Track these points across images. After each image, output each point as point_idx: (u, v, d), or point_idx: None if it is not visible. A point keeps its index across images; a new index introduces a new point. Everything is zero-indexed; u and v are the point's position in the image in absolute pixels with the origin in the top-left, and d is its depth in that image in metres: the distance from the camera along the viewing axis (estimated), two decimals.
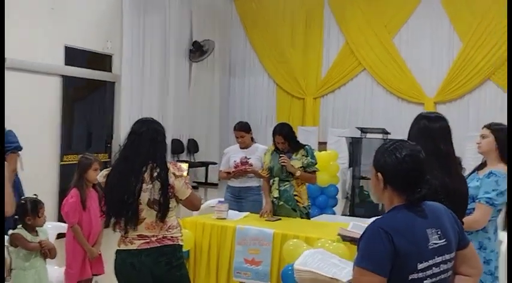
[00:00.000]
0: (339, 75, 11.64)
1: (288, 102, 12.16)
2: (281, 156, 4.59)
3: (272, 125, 13.07)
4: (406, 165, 1.86)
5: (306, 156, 4.64)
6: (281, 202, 4.65)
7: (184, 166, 3.01)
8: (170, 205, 2.85)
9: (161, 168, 2.82)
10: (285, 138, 4.63)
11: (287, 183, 4.64)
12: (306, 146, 4.70)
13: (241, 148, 5.16)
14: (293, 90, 12.11)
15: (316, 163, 4.68)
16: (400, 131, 10.35)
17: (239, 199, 5.08)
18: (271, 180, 4.73)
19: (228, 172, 5.04)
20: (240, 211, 4.81)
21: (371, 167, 1.96)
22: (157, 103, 10.12)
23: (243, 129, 5.12)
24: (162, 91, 10.27)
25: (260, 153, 5.06)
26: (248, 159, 5.05)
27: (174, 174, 2.86)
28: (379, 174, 1.92)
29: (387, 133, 9.02)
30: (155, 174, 2.80)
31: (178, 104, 10.77)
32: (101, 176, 2.94)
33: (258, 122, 11.95)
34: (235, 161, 5.08)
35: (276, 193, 4.66)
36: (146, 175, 2.80)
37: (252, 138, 5.18)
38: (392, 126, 10.41)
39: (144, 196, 2.80)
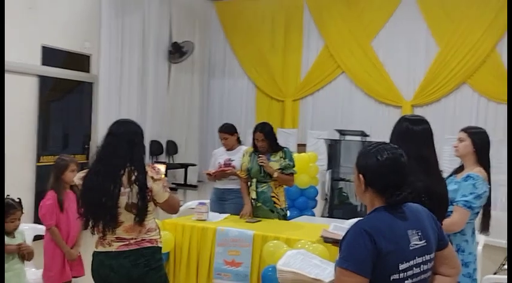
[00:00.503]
0: (318, 77, 11.66)
1: (267, 104, 12.16)
2: (259, 156, 4.58)
3: (251, 126, 12.80)
4: (387, 168, 1.87)
5: (284, 158, 4.63)
6: (259, 204, 4.64)
7: (162, 168, 3.00)
8: (148, 209, 2.82)
9: (139, 172, 2.78)
10: (266, 136, 4.61)
11: (265, 184, 4.64)
12: (285, 148, 4.69)
13: (226, 150, 5.14)
14: (272, 92, 12.11)
15: (294, 166, 4.67)
16: (378, 133, 10.44)
17: (222, 201, 5.06)
18: (250, 182, 4.71)
19: (209, 174, 5.02)
20: (223, 212, 4.80)
21: (354, 168, 1.96)
22: (136, 104, 10.06)
23: (226, 130, 5.11)
24: (141, 92, 10.23)
25: (240, 155, 5.04)
26: (232, 160, 5.03)
27: (152, 177, 2.82)
28: (360, 175, 1.93)
29: (366, 135, 9.08)
30: (133, 177, 2.76)
31: (157, 105, 10.74)
32: (77, 178, 2.90)
33: (237, 124, 11.53)
34: (219, 163, 5.07)
35: (253, 195, 4.65)
36: (124, 179, 2.77)
37: (238, 140, 5.17)
38: (371, 129, 10.45)
39: (122, 200, 2.77)
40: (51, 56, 7.68)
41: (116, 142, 2.81)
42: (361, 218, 1.92)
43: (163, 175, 2.87)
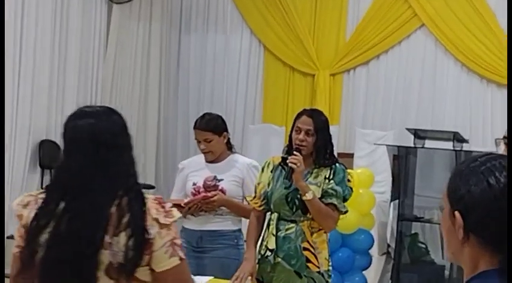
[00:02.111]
0: (376, 35, 11.77)
1: (285, 81, 12.34)
2: (294, 154, 4.69)
3: (254, 118, 13.51)
4: (505, 200, 1.90)
5: (330, 179, 4.75)
6: (278, 259, 4.77)
7: (173, 209, 3.02)
8: (140, 277, 2.90)
9: (135, 207, 2.91)
10: (317, 129, 4.75)
11: (292, 225, 4.77)
12: (338, 165, 4.82)
13: (207, 161, 5.32)
14: (295, 59, 12.24)
15: (345, 198, 4.77)
16: (485, 138, 10.36)
17: (199, 253, 5.22)
18: (268, 218, 4.86)
19: (178, 205, 5.03)
20: (200, 274, 4.91)
21: (444, 200, 2.01)
22: (49, 73, 10.13)
23: (208, 127, 5.24)
24: (57, 53, 10.27)
25: (241, 171, 5.21)
26: (219, 180, 5.23)
27: (156, 220, 2.91)
28: (456, 213, 1.94)
29: (462, 140, 9.03)
30: (125, 218, 2.86)
31: (85, 77, 10.84)
32: (20, 205, 3.04)
33: (228, 115, 11.95)
34: (195, 184, 5.27)
35: (271, 243, 4.76)
36: (113, 218, 2.87)
37: (228, 144, 5.37)
38: (472, 129, 10.35)
39: (104, 257, 2.87)
40: None
41: (92, 155, 2.93)
42: None
43: (174, 219, 2.94)
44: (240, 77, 12.63)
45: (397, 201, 9.18)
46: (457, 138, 8.92)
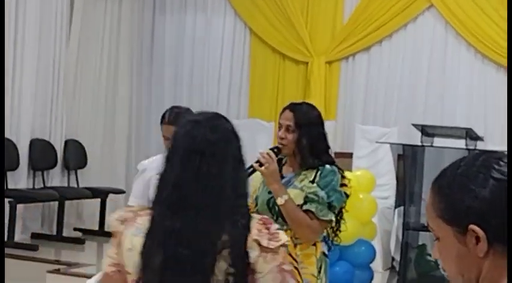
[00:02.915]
0: (378, 16, 11.80)
1: (274, 69, 12.36)
2: (267, 153, 4.69)
3: (239, 112, 13.35)
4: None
5: (313, 182, 4.73)
6: None
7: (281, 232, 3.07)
8: None
9: (239, 232, 2.97)
10: (299, 125, 4.73)
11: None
12: (327, 166, 4.80)
13: None
14: (286, 45, 12.27)
15: (330, 203, 4.74)
16: (501, 134, 10.40)
17: None
18: None
19: None
20: None
21: (439, 225, 1.98)
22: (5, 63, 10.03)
23: (175, 121, 5.21)
24: (12, 32, 10.25)
25: None
26: None
27: (257, 241, 2.96)
28: (473, 227, 1.92)
29: (476, 138, 9.12)
30: (227, 243, 2.94)
31: (45, 65, 10.79)
32: (118, 220, 3.12)
33: (212, 106, 12.02)
34: None
35: None
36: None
37: None
38: (487, 125, 10.58)
39: None
40: None
41: (192, 167, 3.02)
42: None
43: (281, 243, 3.01)
44: (223, 65, 12.62)
45: (402, 207, 9.22)
46: (470, 135, 9.01)
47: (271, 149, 4.74)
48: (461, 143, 9.01)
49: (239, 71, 12.60)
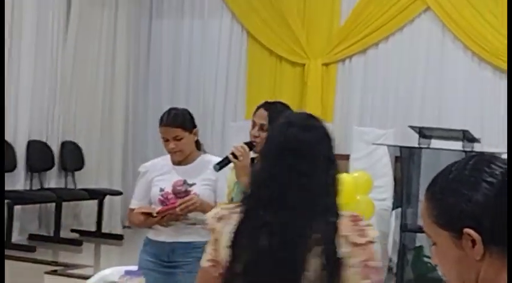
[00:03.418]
0: (374, 19, 11.81)
1: (271, 71, 12.37)
2: (241, 146, 4.72)
3: (236, 115, 13.28)
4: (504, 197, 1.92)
5: None
6: None
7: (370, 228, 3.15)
8: None
9: (331, 229, 3.01)
10: (272, 122, 4.62)
11: None
12: None
13: (175, 163, 5.33)
14: (283, 47, 12.29)
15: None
16: (497, 137, 10.44)
17: (171, 268, 5.19)
18: None
19: (149, 214, 5.13)
20: None
21: (434, 230, 1.99)
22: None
23: (177, 123, 5.26)
24: (9, 36, 10.27)
25: (214, 172, 5.14)
26: (190, 185, 5.21)
27: (346, 237, 3.02)
28: (468, 230, 1.92)
29: (473, 140, 9.08)
30: (320, 241, 2.99)
31: (42, 70, 10.83)
32: (214, 218, 3.21)
33: (209, 109, 12.18)
34: (162, 190, 5.25)
35: None
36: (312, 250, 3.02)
37: (197, 143, 5.36)
38: (484, 127, 10.62)
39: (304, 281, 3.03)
40: None
41: (286, 165, 3.06)
42: None
43: (369, 239, 3.06)
44: (220, 67, 12.60)
45: (399, 209, 9.18)
46: (467, 137, 8.95)
47: (245, 144, 4.77)
48: (458, 145, 8.98)
49: (236, 73, 12.59)
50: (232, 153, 4.66)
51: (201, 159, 5.29)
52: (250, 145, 4.78)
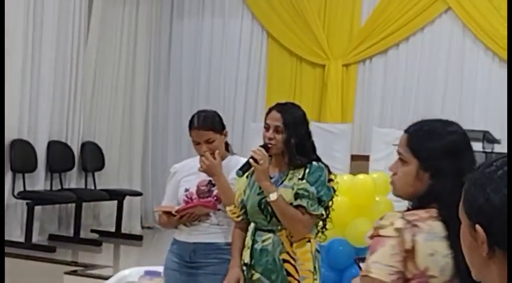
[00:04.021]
0: (395, 20, 11.84)
1: (291, 71, 12.38)
2: (258, 150, 4.76)
3: (256, 115, 13.28)
4: None
5: (303, 179, 4.78)
6: (256, 275, 4.84)
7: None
8: None
9: None
10: (287, 125, 4.78)
11: (270, 235, 4.83)
12: (314, 163, 4.86)
13: None
14: (303, 48, 12.31)
15: (320, 198, 4.77)
16: None
17: (192, 269, 5.20)
18: (249, 228, 4.94)
19: (169, 213, 5.14)
20: None
21: (461, 214, 2.02)
22: (21, 67, 10.13)
23: (208, 125, 5.23)
24: (32, 42, 10.28)
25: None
26: (214, 185, 5.21)
27: None
28: (478, 227, 1.95)
29: (493, 141, 9.17)
30: None
31: (63, 71, 10.82)
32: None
33: (226, 112, 12.00)
34: (187, 190, 5.26)
35: (246, 256, 4.86)
36: None
37: (226, 144, 5.37)
38: (504, 128, 10.46)
39: None
40: None
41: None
42: None
43: None
44: (240, 67, 12.64)
45: None
46: (487, 138, 8.99)
47: (261, 147, 4.78)
48: (478, 146, 8.93)
49: (256, 73, 12.62)
50: (252, 158, 4.67)
51: (229, 160, 5.27)
52: (265, 148, 4.77)
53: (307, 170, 4.78)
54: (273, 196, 4.65)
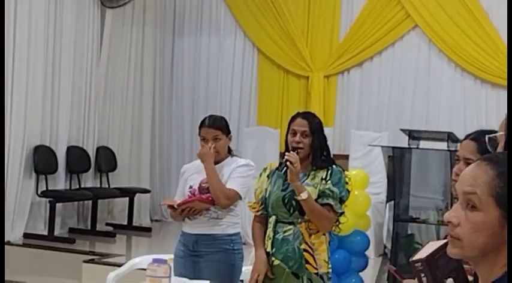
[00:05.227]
0: (370, 36, 11.78)
1: (279, 82, 12.33)
2: (288, 154, 4.72)
3: (249, 121, 13.39)
4: None
5: (326, 180, 4.77)
6: (276, 261, 4.79)
7: None
8: None
9: None
10: (313, 131, 4.79)
11: (291, 227, 4.79)
12: (335, 166, 4.86)
13: None
14: (289, 61, 12.26)
15: (341, 199, 4.78)
16: None
17: (195, 257, 5.20)
18: (269, 221, 4.89)
19: (172, 206, 5.18)
20: (197, 278, 4.94)
21: (489, 204, 1.91)
22: (43, 79, 10.13)
23: (218, 125, 5.26)
24: (51, 58, 10.30)
25: (240, 171, 5.20)
26: None
27: None
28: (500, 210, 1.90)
29: (457, 140, 8.91)
30: None
31: (79, 82, 10.85)
32: None
33: (225, 116, 11.39)
34: (191, 187, 5.26)
35: (268, 245, 4.81)
36: None
37: (229, 148, 5.37)
38: (466, 129, 10.36)
39: None
40: None
41: None
42: None
43: None
44: (234, 79, 12.58)
45: (392, 202, 9.15)
46: (451, 138, 8.91)
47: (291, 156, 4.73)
48: (443, 145, 8.98)
49: (248, 85, 12.54)
50: (288, 161, 4.65)
51: (229, 160, 5.25)
52: (296, 153, 4.75)
53: (329, 172, 4.77)
54: (304, 195, 4.64)
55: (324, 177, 4.76)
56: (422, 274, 2.48)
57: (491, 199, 1.92)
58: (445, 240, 2.52)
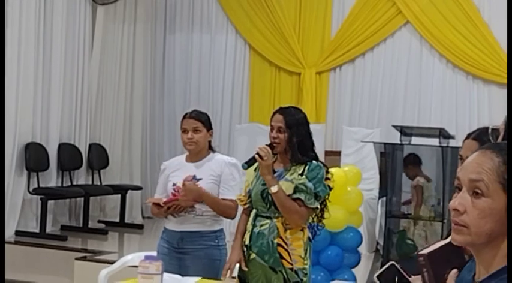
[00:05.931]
0: (361, 32, 11.80)
1: (271, 79, 12.34)
2: (264, 147, 4.76)
3: (241, 118, 13.39)
4: None
5: (302, 175, 4.77)
6: (253, 255, 4.82)
7: None
8: None
9: None
10: (289, 126, 4.78)
11: (268, 221, 4.81)
12: (314, 162, 4.84)
13: (188, 161, 5.34)
14: (281, 58, 12.27)
15: (316, 193, 4.76)
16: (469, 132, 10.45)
17: (181, 254, 5.21)
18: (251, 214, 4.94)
19: (157, 204, 5.19)
20: (182, 274, 4.93)
21: (497, 191, 1.92)
22: (33, 75, 10.11)
23: (199, 117, 5.30)
24: (41, 54, 10.27)
25: (218, 167, 5.24)
26: (198, 180, 5.20)
27: None
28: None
29: (448, 136, 9.07)
30: None
31: (70, 79, 10.82)
32: None
33: (214, 115, 12.02)
34: (174, 184, 5.26)
35: (247, 238, 4.84)
36: None
37: (209, 144, 5.37)
38: (458, 125, 10.49)
39: None
40: None
41: None
42: None
43: None
44: (226, 76, 12.59)
45: (384, 198, 9.23)
46: (443, 134, 8.98)
47: (267, 145, 4.76)
48: (435, 141, 9.02)
49: (240, 81, 12.56)
50: (258, 154, 4.67)
51: (211, 157, 5.27)
52: (271, 147, 4.77)
53: (307, 167, 4.78)
54: (274, 189, 4.66)
55: (300, 172, 4.78)
56: (424, 269, 2.50)
57: (498, 186, 1.92)
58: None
